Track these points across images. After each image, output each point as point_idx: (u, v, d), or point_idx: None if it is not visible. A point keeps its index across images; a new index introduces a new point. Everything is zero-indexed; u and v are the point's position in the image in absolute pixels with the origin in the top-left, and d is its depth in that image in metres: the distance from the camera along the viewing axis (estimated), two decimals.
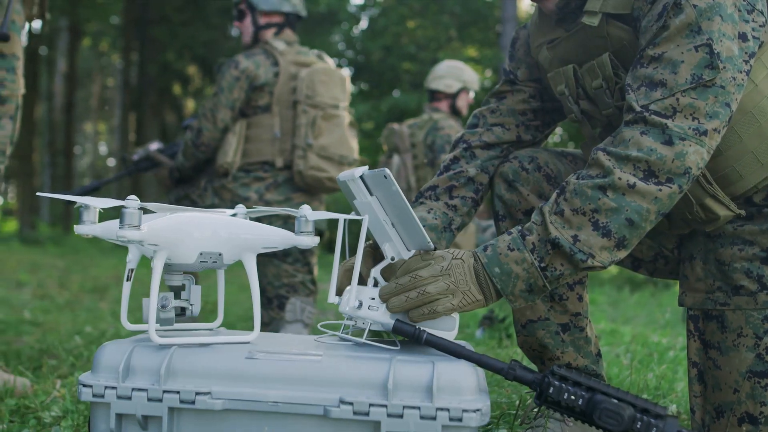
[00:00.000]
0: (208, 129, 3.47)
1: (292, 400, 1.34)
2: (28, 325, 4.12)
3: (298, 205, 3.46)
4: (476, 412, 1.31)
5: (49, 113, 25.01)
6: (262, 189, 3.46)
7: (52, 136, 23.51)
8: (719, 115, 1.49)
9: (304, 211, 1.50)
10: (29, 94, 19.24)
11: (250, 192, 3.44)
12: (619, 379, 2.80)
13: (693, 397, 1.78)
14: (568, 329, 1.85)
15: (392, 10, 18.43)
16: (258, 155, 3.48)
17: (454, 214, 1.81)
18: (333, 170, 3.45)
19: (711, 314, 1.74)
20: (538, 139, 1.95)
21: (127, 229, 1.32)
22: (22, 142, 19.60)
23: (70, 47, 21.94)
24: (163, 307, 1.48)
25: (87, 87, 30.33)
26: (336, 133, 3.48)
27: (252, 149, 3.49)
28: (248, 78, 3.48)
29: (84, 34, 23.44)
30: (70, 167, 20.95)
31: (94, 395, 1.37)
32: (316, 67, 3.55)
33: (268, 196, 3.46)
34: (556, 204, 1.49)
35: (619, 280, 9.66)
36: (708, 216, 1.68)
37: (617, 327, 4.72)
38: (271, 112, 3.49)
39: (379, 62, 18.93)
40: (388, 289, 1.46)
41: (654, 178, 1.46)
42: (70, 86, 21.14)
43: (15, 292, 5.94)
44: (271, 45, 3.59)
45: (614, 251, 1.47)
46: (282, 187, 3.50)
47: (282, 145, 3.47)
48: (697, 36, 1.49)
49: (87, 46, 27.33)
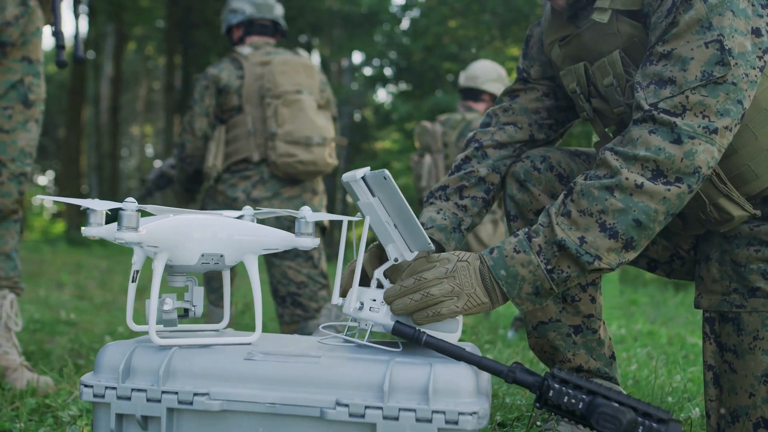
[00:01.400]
0: (189, 141, 3.65)
1: (289, 402, 1.34)
2: (63, 325, 4.19)
3: (289, 199, 3.57)
4: (473, 415, 1.29)
5: (95, 116, 25.45)
6: (249, 187, 3.56)
7: (99, 139, 23.92)
8: (731, 112, 1.45)
9: (304, 213, 1.50)
10: (76, 97, 19.63)
11: (238, 192, 3.55)
12: (648, 381, 2.75)
13: (708, 401, 1.74)
14: (581, 331, 1.82)
15: (433, 10, 18.38)
16: (237, 154, 3.61)
17: (464, 214, 1.79)
18: (301, 153, 3.53)
19: (727, 316, 1.70)
20: (552, 138, 1.91)
21: (125, 231, 1.33)
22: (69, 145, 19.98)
23: (115, 51, 22.31)
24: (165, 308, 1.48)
25: (133, 90, 30.79)
26: (299, 117, 3.57)
27: (232, 150, 3.63)
28: (214, 83, 3.65)
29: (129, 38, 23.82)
30: (116, 170, 21.28)
31: (94, 395, 1.38)
32: (276, 59, 3.68)
33: (255, 193, 3.55)
34: (563, 205, 1.47)
35: (664, 281, 9.51)
36: (722, 216, 1.64)
37: (655, 328, 4.65)
38: (243, 112, 3.62)
39: (421, 62, 18.91)
40: (393, 291, 1.45)
41: (662, 178, 1.43)
42: (115, 89, 21.48)
43: (55, 293, 6.05)
44: (237, 52, 3.78)
45: (622, 253, 1.44)
46: (268, 183, 3.58)
47: (257, 140, 3.59)
48: (708, 32, 1.46)
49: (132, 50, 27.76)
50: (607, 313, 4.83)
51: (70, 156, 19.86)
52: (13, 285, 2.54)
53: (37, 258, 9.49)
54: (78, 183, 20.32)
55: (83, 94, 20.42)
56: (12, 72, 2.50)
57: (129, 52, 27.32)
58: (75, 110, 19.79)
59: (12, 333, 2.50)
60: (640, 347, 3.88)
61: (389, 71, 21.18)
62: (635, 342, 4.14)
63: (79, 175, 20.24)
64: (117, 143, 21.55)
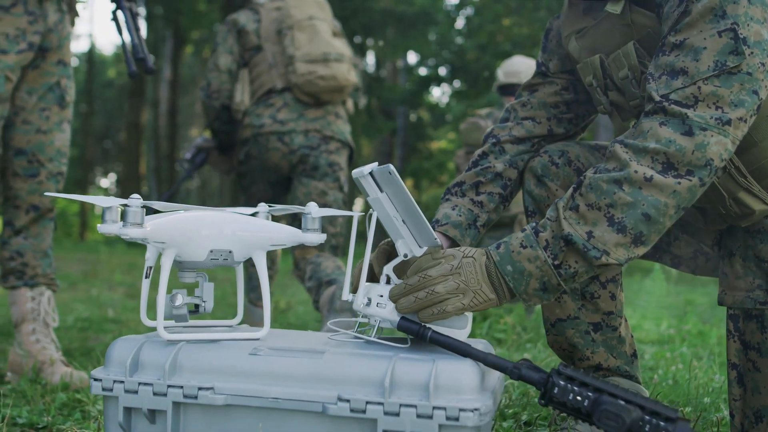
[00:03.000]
0: (214, 77, 3.74)
1: (291, 397, 1.34)
2: (110, 324, 4.27)
3: (314, 119, 3.63)
4: (474, 412, 1.27)
5: (154, 119, 25.93)
6: (274, 112, 3.63)
7: (157, 141, 24.37)
8: (745, 103, 1.40)
9: (310, 209, 1.50)
10: (136, 101, 20.05)
11: (264, 119, 3.63)
12: (685, 380, 2.69)
13: (732, 401, 1.69)
14: (600, 328, 1.79)
15: (487, 8, 18.30)
16: (261, 88, 3.72)
17: (479, 210, 1.77)
18: (320, 69, 3.61)
19: (751, 314, 1.65)
20: (572, 132, 1.88)
21: (130, 227, 1.35)
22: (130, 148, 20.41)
23: (173, 55, 22.71)
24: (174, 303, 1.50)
25: (191, 93, 31.27)
26: (315, 39, 3.67)
27: (257, 86, 3.74)
28: (233, 25, 3.80)
29: (187, 41, 24.21)
30: (174, 171, 21.64)
31: (103, 389, 1.41)
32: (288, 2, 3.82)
33: (281, 116, 3.62)
34: (571, 199, 1.44)
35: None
36: (743, 211, 1.59)
37: (707, 329, 4.55)
38: (263, 50, 3.74)
39: (475, 61, 18.83)
40: (398, 289, 1.43)
41: (673, 171, 1.39)
42: (173, 93, 21.86)
43: (107, 292, 6.18)
44: (254, 2, 3.94)
45: (631, 248, 1.40)
46: (292, 106, 3.65)
47: (278, 70, 3.69)
48: (721, 21, 1.41)
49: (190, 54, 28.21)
50: (654, 312, 4.74)
51: (131, 159, 20.29)
52: (49, 282, 2.60)
53: (93, 258, 9.71)
54: (138, 185, 20.74)
55: (142, 98, 20.84)
56: (49, 75, 2.57)
57: (187, 55, 27.79)
58: (135, 114, 20.22)
59: (50, 329, 2.56)
60: (688, 347, 3.80)
61: (443, 71, 21.14)
62: (683, 342, 4.06)
63: (139, 177, 20.65)
64: (174, 145, 21.91)
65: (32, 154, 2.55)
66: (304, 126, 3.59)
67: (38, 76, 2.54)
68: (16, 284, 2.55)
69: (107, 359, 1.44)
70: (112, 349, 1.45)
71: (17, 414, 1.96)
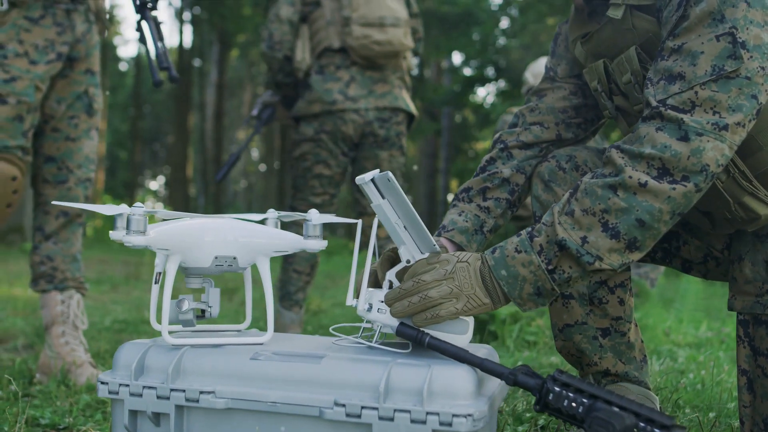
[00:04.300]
0: (275, 28, 3.74)
1: (289, 401, 1.37)
2: (146, 326, 4.35)
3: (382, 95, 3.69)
4: (467, 417, 1.29)
5: (201, 122, 26.27)
6: (343, 87, 3.68)
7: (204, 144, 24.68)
8: (743, 108, 1.39)
9: (311, 216, 1.53)
10: (182, 105, 20.32)
11: (334, 94, 3.67)
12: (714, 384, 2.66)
13: (742, 407, 1.68)
14: (609, 334, 1.78)
15: (531, 7, 18.17)
16: (319, 45, 3.73)
17: (486, 216, 1.78)
18: (376, 34, 3.63)
19: (760, 319, 1.63)
20: (581, 137, 1.88)
21: (133, 235, 1.39)
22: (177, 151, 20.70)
23: (220, 58, 22.98)
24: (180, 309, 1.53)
25: (238, 96, 31.62)
26: (372, 1, 3.67)
27: (315, 42, 3.77)
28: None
29: (233, 45, 24.47)
30: None
31: (109, 392, 1.45)
32: None
33: (352, 92, 3.67)
34: (567, 204, 1.44)
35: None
36: (748, 215, 1.58)
37: None
38: (321, 6, 3.74)
39: (518, 61, 18.72)
40: (393, 294, 1.45)
41: (668, 176, 1.38)
42: (220, 96, 22.12)
43: (148, 295, 6.27)
44: None
45: (625, 253, 1.40)
46: (359, 80, 3.70)
47: (336, 28, 3.71)
48: (720, 25, 1.40)
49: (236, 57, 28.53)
50: (689, 315, 4.68)
51: (178, 161, 20.58)
52: (78, 285, 2.67)
53: (136, 261, 9.86)
54: (185, 187, 21.03)
55: (189, 102, 21.12)
56: (77, 84, 2.64)
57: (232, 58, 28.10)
58: (182, 117, 20.50)
59: (79, 331, 2.63)
60: (725, 351, 3.74)
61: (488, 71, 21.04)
62: (720, 345, 4.00)
63: (186, 179, 20.94)
64: (221, 147, 22.17)
65: (61, 161, 2.62)
66: (374, 103, 3.66)
67: (67, 85, 2.61)
68: (46, 288, 2.63)
69: (114, 363, 1.49)
70: (119, 353, 1.49)
71: (40, 414, 2.02)
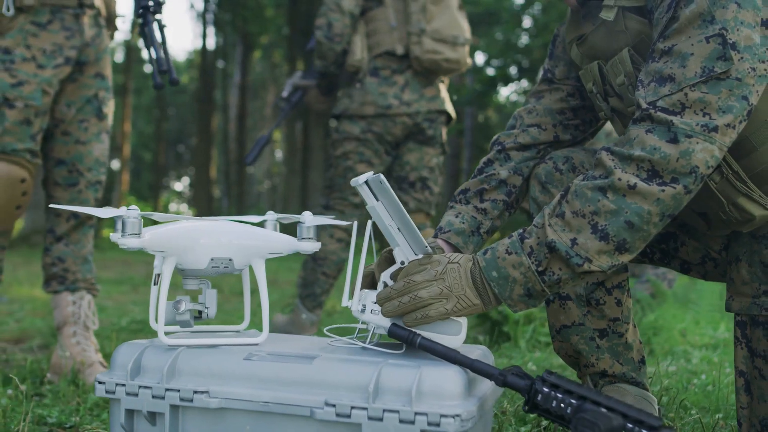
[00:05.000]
0: (336, 19, 3.60)
1: (281, 401, 1.38)
2: None
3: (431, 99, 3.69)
4: (455, 418, 1.30)
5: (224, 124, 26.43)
6: (398, 92, 3.65)
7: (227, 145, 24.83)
8: (733, 109, 1.39)
9: (304, 218, 1.55)
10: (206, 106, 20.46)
11: (389, 99, 3.63)
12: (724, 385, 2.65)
13: (740, 409, 1.67)
14: (606, 335, 1.78)
15: (553, 6, 18.07)
16: (379, 47, 3.66)
17: (483, 217, 1.79)
18: (447, 51, 3.62)
19: (757, 320, 1.63)
20: (579, 138, 1.88)
21: (128, 238, 1.42)
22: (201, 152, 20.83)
23: (243, 60, 23.10)
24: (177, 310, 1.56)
25: (261, 97, 31.77)
26: (446, 14, 3.63)
27: (373, 43, 3.69)
28: None
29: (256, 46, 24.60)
30: (243, 174, 22.03)
31: (106, 391, 1.48)
32: None
33: (406, 97, 3.65)
34: (558, 206, 1.45)
35: None
36: (743, 216, 1.58)
37: None
38: (384, 5, 3.65)
39: (541, 61, 18.63)
40: (383, 294, 1.46)
41: (657, 178, 1.38)
42: (243, 97, 22.24)
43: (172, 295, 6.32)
44: None
45: (615, 255, 1.40)
46: (413, 85, 3.67)
47: (399, 34, 3.65)
48: (710, 26, 1.40)
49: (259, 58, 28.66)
50: (707, 316, 4.65)
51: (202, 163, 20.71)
52: (90, 286, 2.71)
53: None
54: (209, 188, 21.17)
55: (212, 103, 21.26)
56: (87, 88, 2.67)
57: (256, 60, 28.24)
58: (205, 118, 20.64)
59: (90, 331, 2.67)
60: None
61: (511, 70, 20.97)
62: None
63: (209, 180, 21.08)
64: (243, 148, 22.29)
65: (72, 164, 2.66)
66: (426, 106, 3.66)
67: (76, 89, 2.65)
68: (58, 289, 2.67)
69: (112, 363, 1.51)
70: (116, 353, 1.52)
71: (48, 413, 2.05)
